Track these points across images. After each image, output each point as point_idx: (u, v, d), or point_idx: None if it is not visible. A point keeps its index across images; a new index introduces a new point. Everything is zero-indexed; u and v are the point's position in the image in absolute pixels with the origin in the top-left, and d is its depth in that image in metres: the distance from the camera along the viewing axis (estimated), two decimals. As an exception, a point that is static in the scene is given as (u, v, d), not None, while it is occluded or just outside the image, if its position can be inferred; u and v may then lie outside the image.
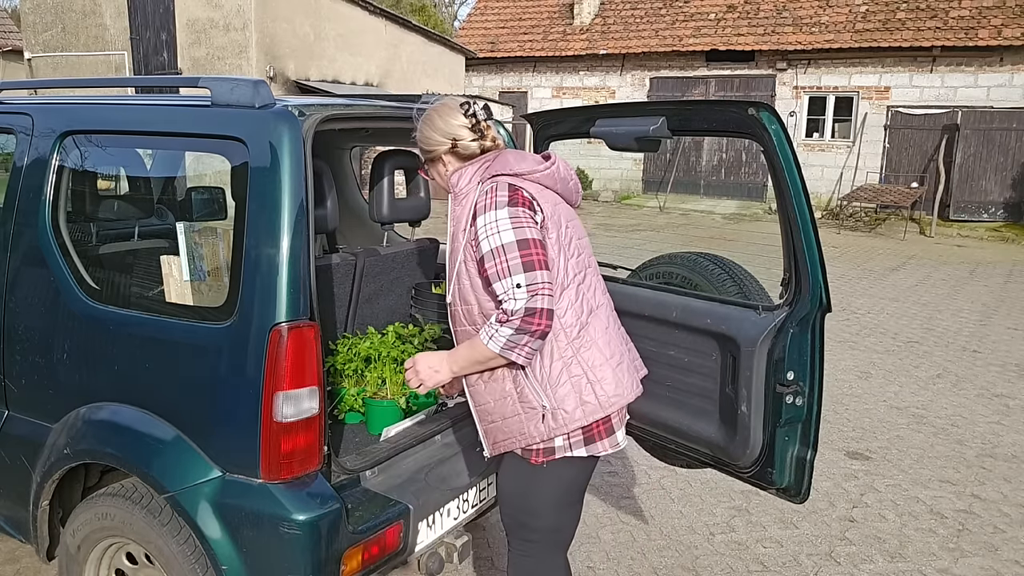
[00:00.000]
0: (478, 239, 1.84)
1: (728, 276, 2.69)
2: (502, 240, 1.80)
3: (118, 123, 2.29)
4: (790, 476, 2.27)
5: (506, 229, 1.81)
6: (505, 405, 1.93)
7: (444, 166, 2.02)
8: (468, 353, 1.88)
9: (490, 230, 1.82)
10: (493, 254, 1.80)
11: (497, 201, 1.84)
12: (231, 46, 11.91)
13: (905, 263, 11.55)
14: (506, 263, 1.79)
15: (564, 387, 1.91)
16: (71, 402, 2.22)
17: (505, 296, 1.78)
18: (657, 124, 2.35)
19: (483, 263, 1.82)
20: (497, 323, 1.79)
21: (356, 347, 2.57)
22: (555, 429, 1.91)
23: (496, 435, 1.98)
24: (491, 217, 1.83)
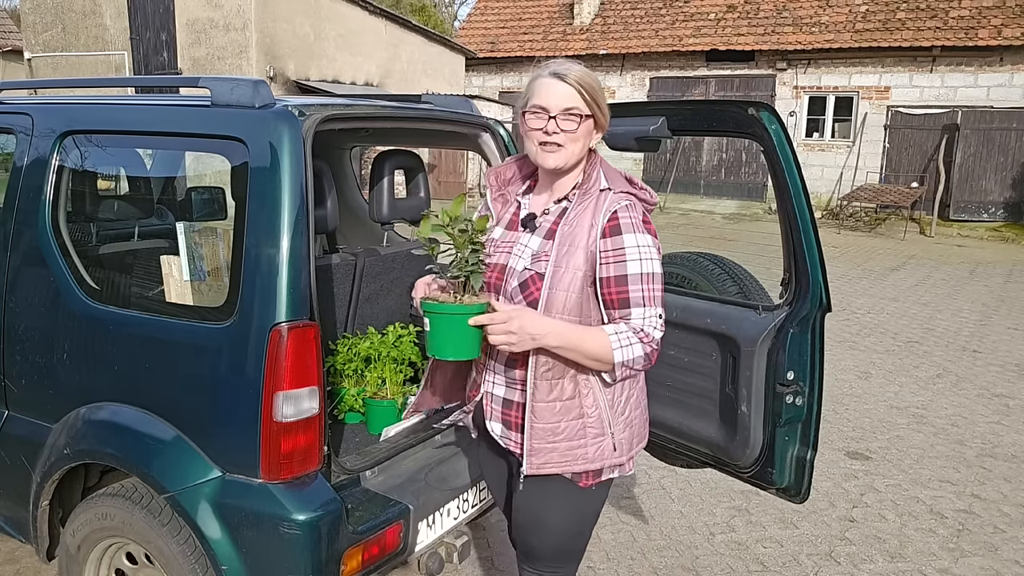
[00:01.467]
0: (616, 256, 1.72)
1: (728, 276, 2.69)
2: (654, 268, 1.73)
3: (118, 123, 2.29)
4: (790, 476, 2.28)
5: (656, 258, 1.75)
6: (573, 428, 1.79)
7: (585, 140, 1.78)
8: (578, 339, 1.69)
9: (644, 253, 1.72)
10: (643, 279, 1.71)
11: (642, 224, 1.76)
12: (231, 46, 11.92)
13: (905, 263, 11.55)
14: (653, 292, 1.73)
15: (630, 416, 1.87)
16: (71, 402, 2.22)
17: (646, 323, 1.71)
18: (657, 124, 2.35)
19: (620, 283, 1.71)
20: (635, 336, 1.70)
21: (356, 347, 2.57)
22: (616, 456, 1.84)
23: (550, 456, 1.80)
24: (645, 240, 1.73)
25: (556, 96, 1.72)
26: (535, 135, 1.75)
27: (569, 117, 1.72)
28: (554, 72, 1.74)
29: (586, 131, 1.75)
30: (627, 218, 1.74)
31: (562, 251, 1.74)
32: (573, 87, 1.72)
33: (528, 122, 1.76)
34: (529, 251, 1.80)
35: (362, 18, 14.10)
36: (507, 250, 1.85)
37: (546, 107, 1.72)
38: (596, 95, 1.74)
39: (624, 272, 1.71)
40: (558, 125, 1.72)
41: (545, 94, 1.73)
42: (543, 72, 1.76)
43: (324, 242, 3.72)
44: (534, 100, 1.75)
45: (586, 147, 1.79)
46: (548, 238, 1.80)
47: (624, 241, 1.72)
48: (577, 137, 1.74)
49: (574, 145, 1.75)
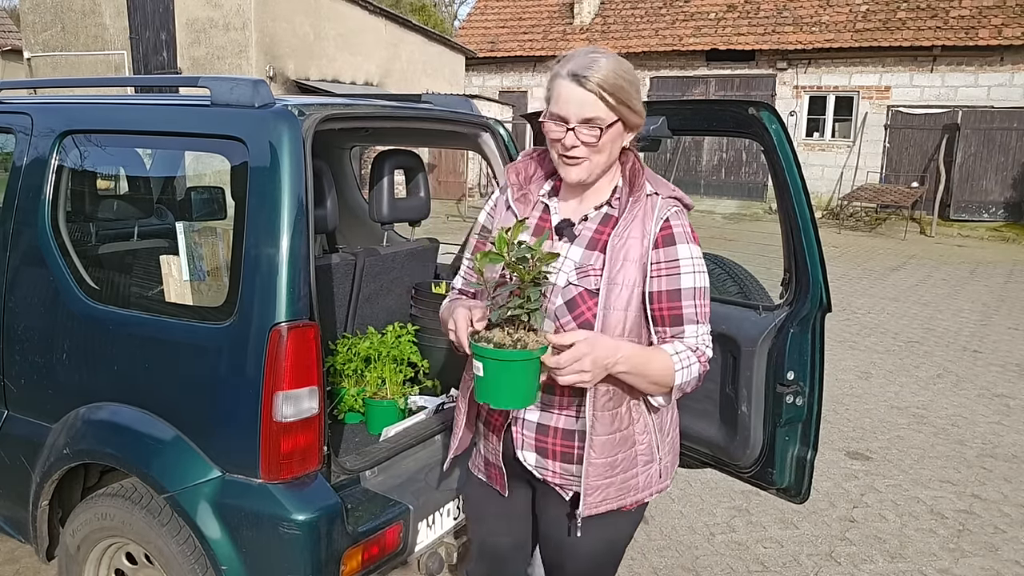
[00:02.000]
0: (669, 269, 1.59)
1: (728, 276, 2.69)
2: (705, 282, 1.62)
3: (118, 123, 2.29)
4: (790, 476, 2.27)
5: (705, 271, 1.63)
6: (628, 459, 1.67)
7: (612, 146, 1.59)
8: (644, 361, 1.54)
9: (697, 266, 1.60)
10: (696, 294, 1.60)
11: (694, 235, 1.63)
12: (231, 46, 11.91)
13: (905, 263, 11.55)
14: (704, 308, 1.62)
15: (673, 438, 1.79)
16: (71, 402, 2.21)
17: (699, 341, 1.61)
18: (657, 124, 2.34)
19: (673, 298, 1.59)
20: (694, 356, 1.59)
21: (356, 347, 2.57)
22: (661, 482, 1.75)
23: (607, 492, 1.65)
24: (696, 252, 1.61)
25: (574, 104, 1.53)
26: (556, 145, 1.59)
27: (590, 128, 1.53)
28: (573, 73, 1.53)
29: (612, 138, 1.57)
30: (679, 226, 1.61)
31: (615, 266, 1.58)
32: (594, 93, 1.52)
33: (547, 130, 1.60)
34: (571, 263, 1.63)
35: (362, 18, 14.10)
36: None
37: (564, 117, 1.54)
38: (624, 94, 1.54)
39: (678, 286, 1.59)
40: (577, 137, 1.54)
41: (564, 103, 1.54)
42: (562, 71, 1.55)
43: (324, 242, 3.71)
44: (552, 107, 1.57)
45: (615, 153, 1.62)
46: (592, 248, 1.63)
47: (679, 252, 1.59)
48: (600, 148, 1.56)
49: (598, 156, 1.58)
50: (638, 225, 1.60)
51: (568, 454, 1.67)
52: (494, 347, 1.42)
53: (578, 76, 1.52)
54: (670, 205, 1.62)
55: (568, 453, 1.67)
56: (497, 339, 1.45)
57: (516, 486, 1.82)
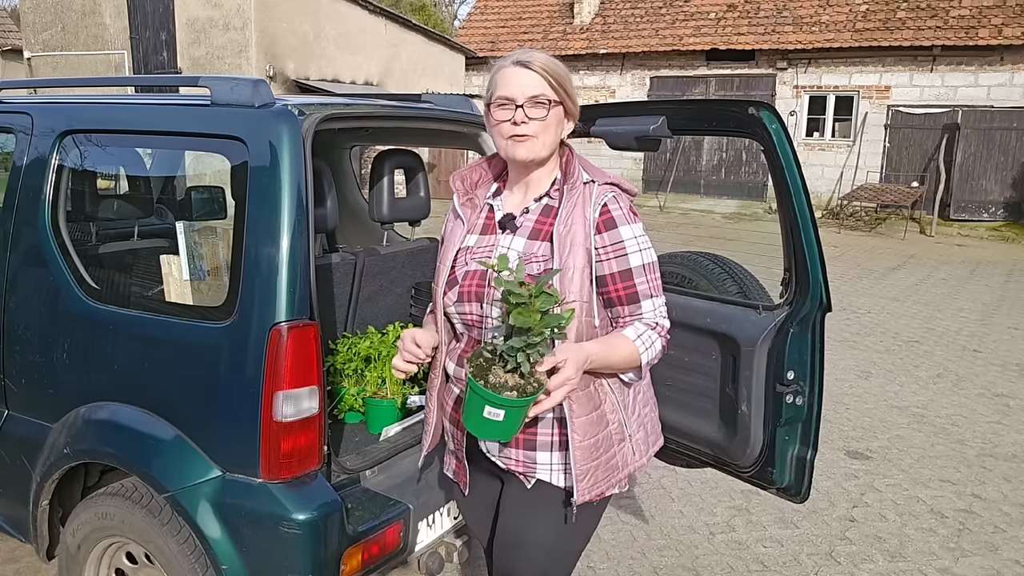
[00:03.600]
0: (616, 250, 1.65)
1: (728, 275, 2.69)
2: (653, 257, 1.70)
3: (118, 122, 2.29)
4: (790, 476, 2.27)
5: (649, 247, 1.70)
6: (606, 437, 1.70)
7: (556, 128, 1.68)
8: (608, 354, 1.62)
9: (642, 243, 1.67)
10: (645, 270, 1.67)
11: (633, 213, 1.70)
12: (231, 45, 11.91)
13: (905, 262, 11.55)
14: (656, 281, 1.70)
15: (640, 414, 1.80)
16: (71, 402, 2.21)
17: (655, 315, 1.69)
18: (657, 123, 2.34)
19: (626, 278, 1.66)
20: (654, 333, 1.67)
21: (356, 347, 2.57)
22: (636, 460, 1.77)
23: (596, 475, 1.68)
24: (639, 231, 1.68)
25: (521, 85, 1.63)
26: (503, 128, 1.66)
27: (537, 105, 1.63)
28: (517, 61, 1.66)
29: (556, 119, 1.66)
30: (618, 209, 1.67)
31: (564, 252, 1.63)
32: (538, 74, 1.63)
33: (494, 115, 1.67)
34: (515, 253, 1.69)
35: (362, 17, 14.10)
36: (486, 255, 1.72)
37: (511, 97, 1.63)
38: (563, 82, 1.66)
39: (628, 266, 1.66)
40: (526, 114, 1.63)
41: (510, 84, 1.64)
42: (505, 63, 1.68)
43: (324, 241, 3.71)
44: (499, 91, 1.66)
45: (558, 137, 1.70)
46: (534, 238, 1.70)
47: (621, 234, 1.66)
48: (547, 125, 1.65)
49: (545, 135, 1.65)
50: (579, 212, 1.65)
51: (530, 441, 1.70)
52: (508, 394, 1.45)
53: (522, 62, 1.64)
54: (607, 191, 1.68)
55: (530, 440, 1.70)
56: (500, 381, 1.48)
57: (484, 480, 1.85)
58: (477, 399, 1.46)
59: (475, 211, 1.80)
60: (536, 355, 1.45)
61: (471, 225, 1.79)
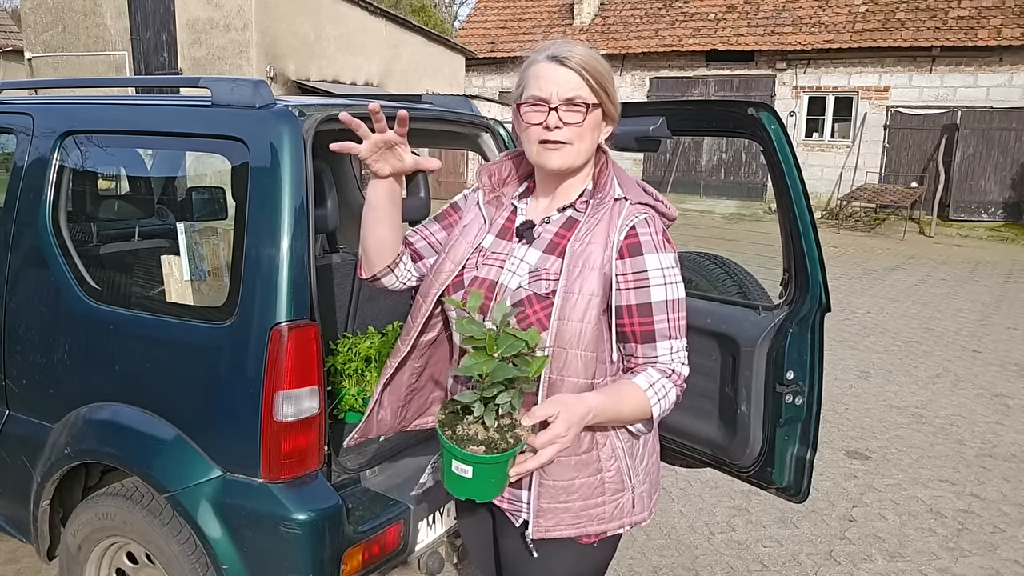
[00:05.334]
0: (637, 281, 1.46)
1: (728, 276, 2.70)
2: (679, 293, 1.49)
3: (118, 123, 2.29)
4: (790, 476, 2.28)
5: (679, 281, 1.50)
6: (591, 484, 1.52)
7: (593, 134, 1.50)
8: (616, 408, 1.43)
9: (668, 277, 1.47)
10: (668, 307, 1.47)
11: (666, 243, 1.49)
12: (231, 46, 11.92)
13: (905, 263, 11.55)
14: (679, 321, 1.49)
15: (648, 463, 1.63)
16: (71, 402, 2.22)
17: (675, 358, 1.50)
18: (657, 124, 2.34)
19: (644, 313, 1.46)
20: (669, 383, 1.48)
21: (356, 347, 2.57)
22: (636, 513, 1.60)
23: (562, 517, 1.51)
24: (668, 261, 1.48)
25: (556, 84, 1.44)
26: (534, 131, 1.48)
27: (573, 108, 1.44)
28: (553, 56, 1.46)
29: (594, 123, 1.48)
30: (647, 234, 1.47)
31: (573, 273, 1.45)
32: (576, 72, 1.45)
33: (525, 116, 1.48)
34: (525, 266, 1.52)
35: (362, 18, 14.10)
36: (498, 263, 1.56)
37: (545, 98, 1.45)
38: (603, 80, 1.47)
39: (648, 300, 1.46)
40: (560, 118, 1.44)
41: (544, 82, 1.45)
42: (539, 56, 1.48)
43: (324, 242, 3.72)
44: (530, 91, 1.47)
45: (595, 143, 1.52)
46: (549, 252, 1.52)
47: (646, 263, 1.46)
48: (583, 132, 1.46)
49: (580, 142, 1.47)
50: (601, 231, 1.47)
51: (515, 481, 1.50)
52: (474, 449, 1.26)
53: (558, 57, 1.45)
54: (639, 212, 1.49)
55: None
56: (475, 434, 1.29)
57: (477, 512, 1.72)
58: (445, 452, 1.29)
59: (499, 209, 1.64)
60: (508, 407, 1.26)
61: (491, 222, 1.63)
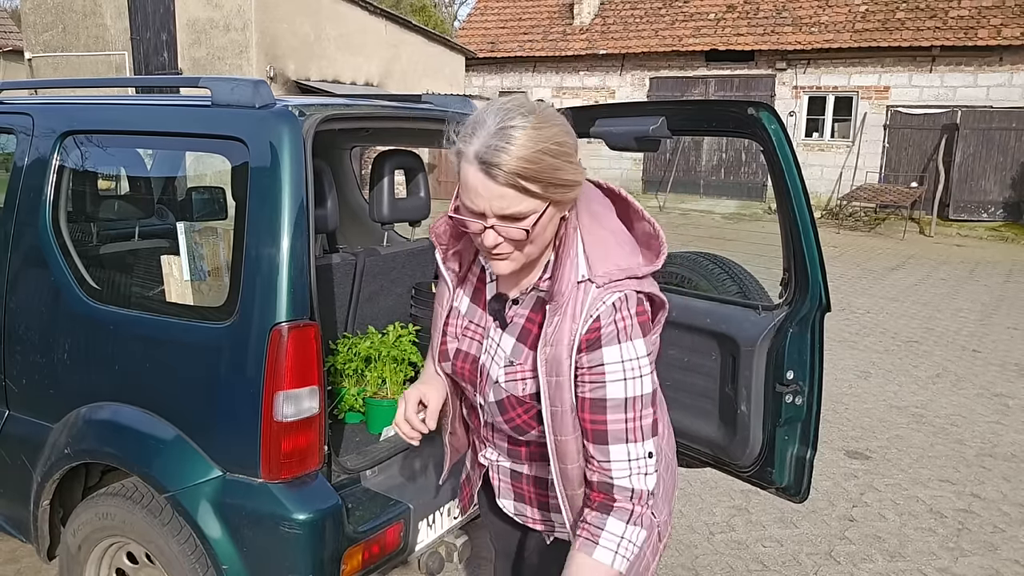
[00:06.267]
0: (593, 374, 1.28)
1: (728, 275, 2.70)
2: (643, 388, 1.28)
3: (118, 123, 2.29)
4: (790, 475, 2.28)
5: (647, 373, 1.29)
6: None
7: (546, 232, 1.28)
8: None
9: (631, 370, 1.27)
10: (628, 405, 1.27)
11: (633, 327, 1.27)
12: (231, 46, 11.92)
13: (905, 263, 11.55)
14: (641, 422, 1.28)
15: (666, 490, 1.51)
16: (71, 402, 2.22)
17: (633, 468, 1.27)
18: (657, 124, 2.34)
19: (597, 410, 1.28)
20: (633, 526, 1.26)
21: (356, 347, 2.57)
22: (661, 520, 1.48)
23: None
24: (631, 352, 1.27)
25: (488, 199, 1.20)
26: (476, 238, 1.27)
27: (514, 224, 1.22)
28: (482, 159, 1.18)
29: (545, 224, 1.26)
30: (611, 325, 1.26)
31: (552, 382, 1.30)
32: (509, 187, 1.18)
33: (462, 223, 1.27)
34: (502, 353, 1.40)
35: (362, 18, 14.10)
36: (477, 338, 1.45)
37: (479, 212, 1.23)
38: (549, 173, 1.20)
39: (603, 396, 1.27)
40: (499, 234, 1.24)
41: (474, 194, 1.22)
42: (468, 149, 1.20)
43: (324, 242, 3.72)
44: (464, 197, 1.24)
45: (551, 233, 1.30)
46: (522, 341, 1.37)
47: (604, 356, 1.27)
48: (532, 238, 1.25)
49: (531, 245, 1.27)
50: (566, 327, 1.28)
51: (543, 502, 1.52)
52: None
53: (487, 164, 1.18)
54: (606, 297, 1.27)
55: (543, 501, 1.52)
56: None
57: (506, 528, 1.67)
58: None
59: (463, 265, 1.49)
60: None
61: (461, 281, 1.50)
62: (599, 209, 1.36)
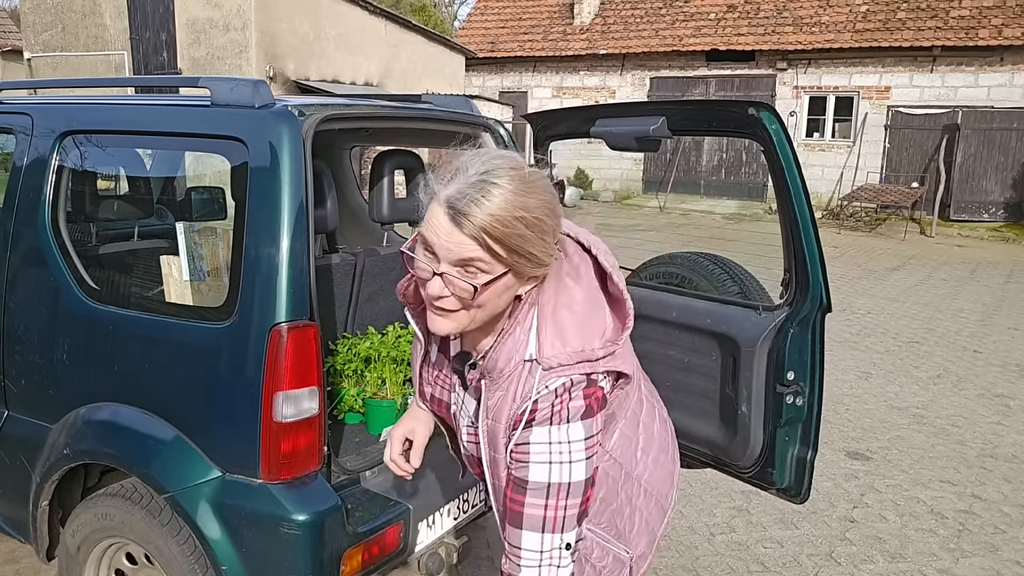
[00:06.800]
0: (519, 453, 1.20)
1: (728, 276, 2.69)
2: (571, 476, 1.18)
3: (118, 123, 2.29)
4: (790, 476, 2.27)
5: (579, 459, 1.19)
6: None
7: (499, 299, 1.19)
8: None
9: (556, 455, 1.18)
10: (549, 492, 1.18)
11: (572, 410, 1.18)
12: (231, 46, 11.92)
13: (905, 263, 11.54)
14: (563, 512, 1.19)
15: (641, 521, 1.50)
16: (71, 402, 2.21)
17: (544, 560, 1.19)
18: (657, 124, 2.34)
19: (517, 490, 1.20)
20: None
21: (356, 347, 2.57)
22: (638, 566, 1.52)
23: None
24: (562, 435, 1.18)
25: (446, 243, 1.11)
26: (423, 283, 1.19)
27: (464, 278, 1.13)
28: (452, 204, 1.10)
29: (499, 292, 1.16)
30: (547, 408, 1.18)
31: (490, 456, 1.28)
32: (474, 240, 1.10)
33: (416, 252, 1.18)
34: (466, 412, 1.38)
35: (362, 18, 14.10)
36: (447, 388, 1.45)
37: (433, 250, 1.14)
38: (519, 241, 1.11)
39: (524, 476, 1.19)
40: (446, 284, 1.14)
41: (433, 232, 1.13)
42: (441, 191, 1.13)
43: (324, 242, 3.72)
44: (424, 228, 1.15)
45: (502, 305, 1.20)
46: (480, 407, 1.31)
47: (532, 435, 1.18)
48: (480, 303, 1.16)
49: (476, 310, 1.18)
50: (507, 403, 1.22)
51: None
52: None
53: (456, 210, 1.10)
54: (551, 380, 1.18)
55: None
56: None
57: None
58: None
59: None
60: None
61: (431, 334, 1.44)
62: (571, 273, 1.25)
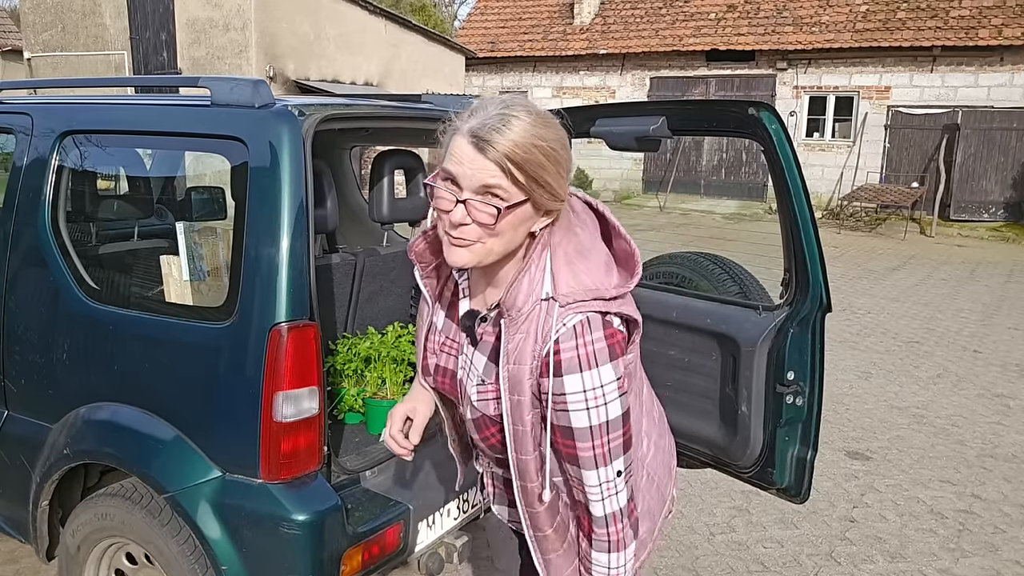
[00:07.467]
0: (558, 404, 1.26)
1: (728, 276, 2.69)
2: (608, 415, 1.26)
3: (118, 123, 2.29)
4: (790, 476, 2.27)
5: (613, 399, 1.26)
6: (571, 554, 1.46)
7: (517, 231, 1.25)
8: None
9: (593, 399, 1.24)
10: (594, 433, 1.26)
11: (598, 353, 1.24)
12: (231, 46, 11.92)
13: (905, 263, 11.54)
14: (608, 446, 1.28)
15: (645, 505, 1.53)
16: (71, 402, 2.21)
17: (604, 490, 1.30)
18: (657, 124, 2.34)
19: (567, 436, 1.28)
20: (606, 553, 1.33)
21: (356, 347, 2.57)
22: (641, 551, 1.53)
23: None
24: (594, 380, 1.24)
25: (470, 168, 1.18)
26: (442, 216, 1.23)
27: (486, 204, 1.18)
28: (475, 134, 1.18)
29: (517, 221, 1.22)
30: (571, 351, 1.23)
31: (514, 400, 1.30)
32: (497, 164, 1.17)
33: (436, 189, 1.23)
34: (475, 371, 1.40)
35: (362, 18, 14.10)
36: (454, 354, 1.48)
37: (456, 180, 1.20)
38: (539, 169, 1.18)
39: (569, 425, 1.27)
40: (468, 213, 1.20)
41: (456, 162, 1.20)
42: (463, 125, 1.20)
43: (324, 242, 3.72)
44: (446, 163, 1.22)
45: (518, 239, 1.26)
46: (492, 360, 1.36)
47: (566, 385, 1.24)
48: (499, 231, 1.21)
49: (493, 240, 1.22)
50: (528, 346, 1.26)
51: None
52: None
53: (479, 138, 1.17)
54: (569, 316, 1.24)
55: None
56: None
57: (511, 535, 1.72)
58: None
59: (441, 280, 1.50)
60: None
61: (438, 297, 1.50)
62: (579, 224, 1.33)
